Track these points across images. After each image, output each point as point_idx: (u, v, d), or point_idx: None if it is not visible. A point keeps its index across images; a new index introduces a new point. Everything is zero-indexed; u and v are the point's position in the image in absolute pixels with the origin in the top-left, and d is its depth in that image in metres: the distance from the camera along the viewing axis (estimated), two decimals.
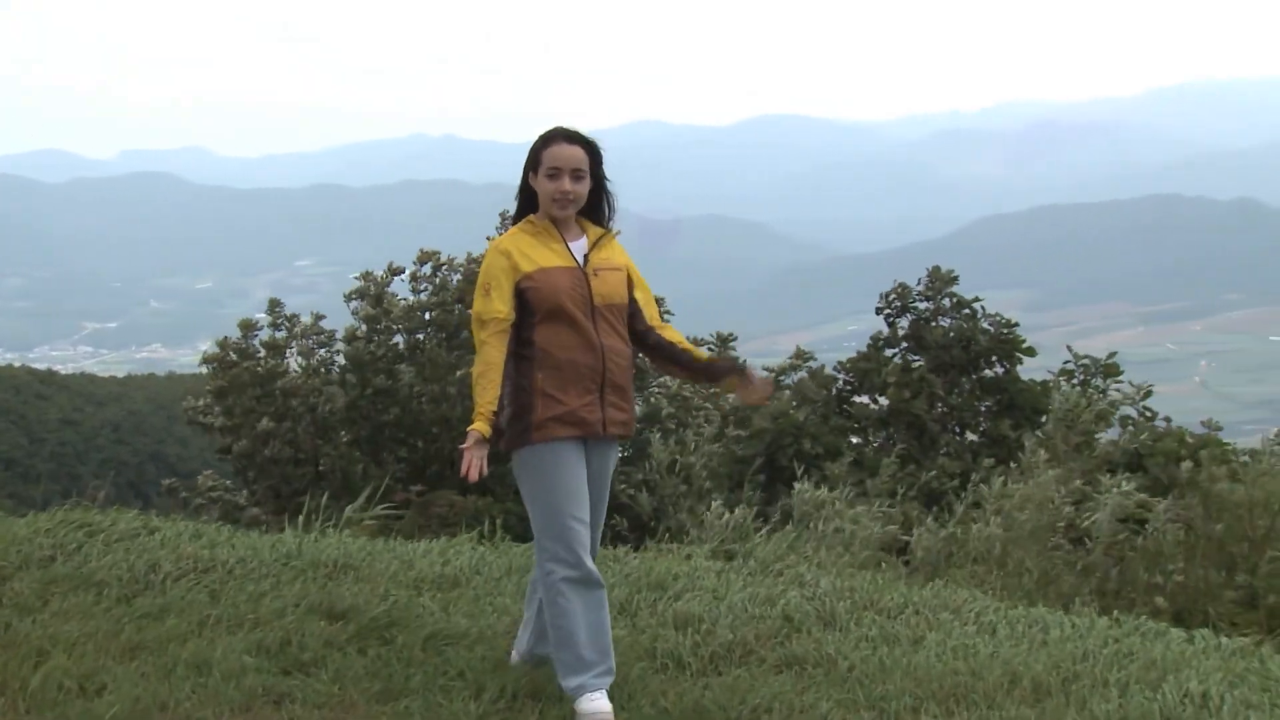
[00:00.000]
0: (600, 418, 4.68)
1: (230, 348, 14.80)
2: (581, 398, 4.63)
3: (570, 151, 4.70)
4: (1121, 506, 8.33)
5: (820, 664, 5.36)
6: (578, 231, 4.82)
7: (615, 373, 4.71)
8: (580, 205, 4.78)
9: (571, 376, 4.62)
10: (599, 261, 4.77)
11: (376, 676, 4.95)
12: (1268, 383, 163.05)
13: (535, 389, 4.62)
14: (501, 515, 12.35)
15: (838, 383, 17.81)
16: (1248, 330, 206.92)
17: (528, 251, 4.69)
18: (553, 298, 4.61)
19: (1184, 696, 4.82)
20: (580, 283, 4.67)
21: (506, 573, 6.83)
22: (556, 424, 4.60)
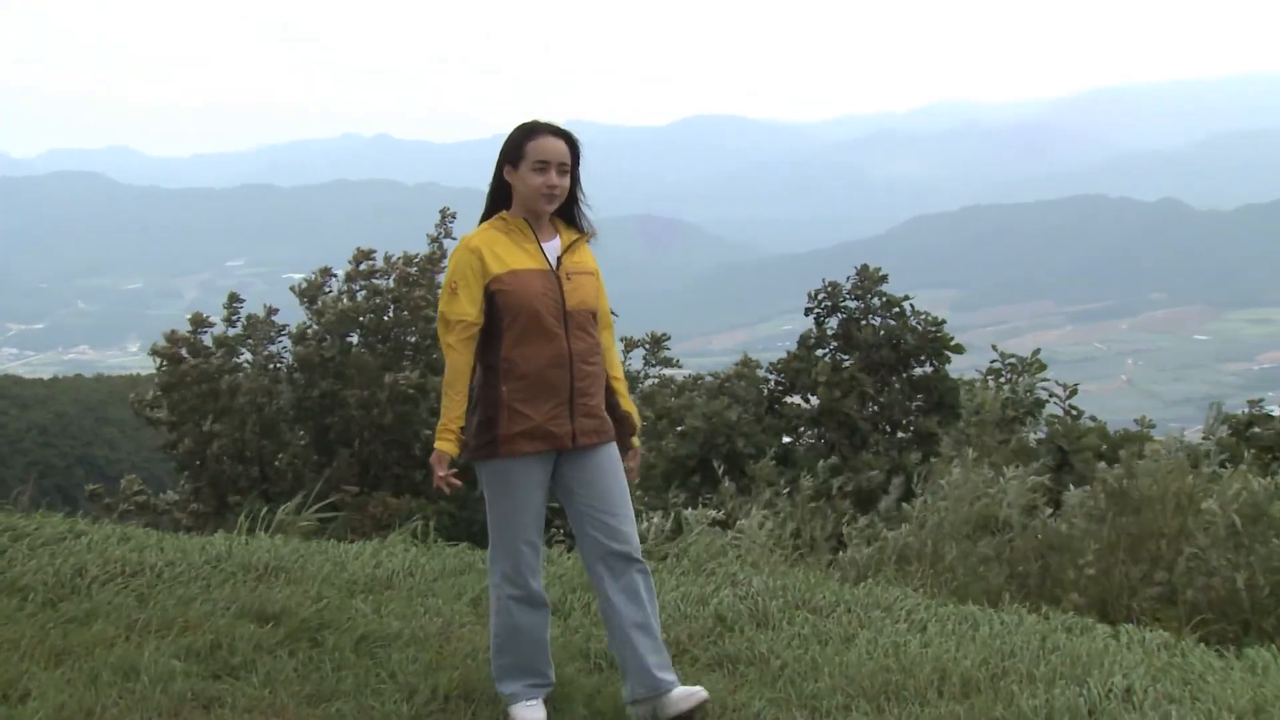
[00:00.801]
0: (569, 430, 4.53)
1: (180, 342, 14.58)
2: (549, 410, 4.48)
3: (557, 145, 4.56)
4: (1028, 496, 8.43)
5: (753, 663, 5.39)
6: (551, 231, 4.67)
7: (585, 382, 4.56)
8: (562, 201, 4.64)
9: (538, 389, 4.47)
10: (571, 265, 4.61)
11: (307, 679, 4.92)
12: (1190, 381, 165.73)
13: (501, 402, 4.48)
14: (435, 517, 12.30)
15: (769, 383, 17.90)
16: (1171, 329, 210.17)
17: (499, 251, 4.52)
18: (524, 302, 4.45)
19: (1108, 691, 4.89)
20: (553, 287, 4.52)
21: (440, 574, 6.82)
22: (523, 439, 4.47)
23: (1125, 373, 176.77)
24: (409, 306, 14.86)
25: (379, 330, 14.97)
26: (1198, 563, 7.64)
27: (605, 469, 4.66)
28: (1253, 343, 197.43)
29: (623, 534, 4.62)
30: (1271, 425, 13.43)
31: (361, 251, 15.24)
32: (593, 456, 4.63)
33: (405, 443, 14.37)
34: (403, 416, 14.08)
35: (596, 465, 4.64)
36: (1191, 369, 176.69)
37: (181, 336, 14.63)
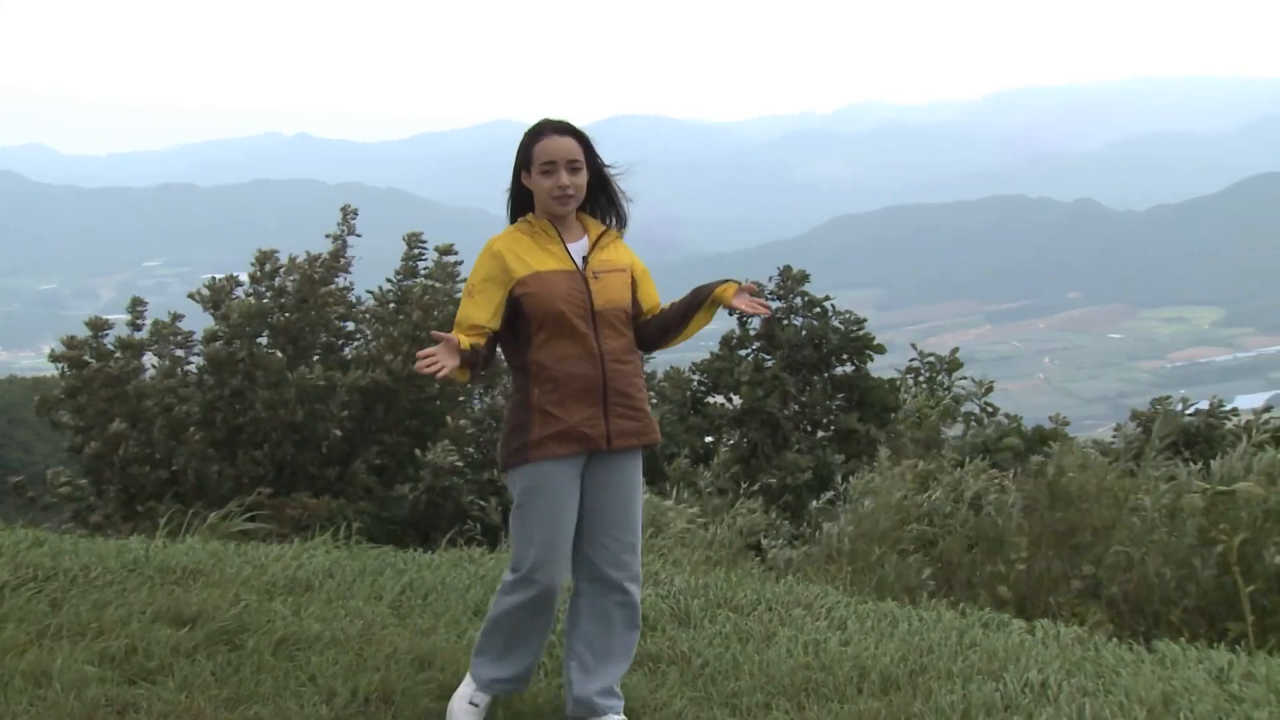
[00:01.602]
0: (604, 431, 4.37)
1: (79, 346, 14.36)
2: (582, 412, 4.33)
3: (563, 143, 4.39)
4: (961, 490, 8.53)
5: (674, 662, 5.40)
6: (578, 231, 4.52)
7: (619, 381, 4.40)
8: (580, 199, 4.47)
9: (570, 390, 4.33)
10: (599, 263, 4.46)
11: (225, 683, 4.86)
12: (1105, 379, 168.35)
13: (532, 405, 4.34)
14: (356, 517, 12.22)
15: (693, 383, 17.96)
16: (1087, 328, 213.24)
17: (523, 254, 4.38)
18: (550, 304, 4.31)
19: (1024, 686, 4.96)
20: (579, 287, 4.37)
21: (360, 575, 6.77)
22: (555, 441, 4.32)
23: (1042, 371, 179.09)
24: (316, 305, 14.75)
25: (286, 330, 14.84)
26: (1121, 557, 7.77)
27: (627, 483, 4.51)
28: (1165, 341, 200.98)
29: (623, 561, 4.51)
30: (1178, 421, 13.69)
31: (264, 253, 15.11)
32: (621, 466, 4.49)
33: (316, 441, 14.26)
34: (312, 414, 13.97)
35: (620, 479, 4.49)
36: (1107, 367, 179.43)
37: (81, 341, 14.44)
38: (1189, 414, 15.24)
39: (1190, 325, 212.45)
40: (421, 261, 16.01)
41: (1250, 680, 5.09)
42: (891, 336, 20.09)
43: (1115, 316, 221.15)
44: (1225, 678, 5.16)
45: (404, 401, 14.97)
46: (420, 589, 6.52)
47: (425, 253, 16.04)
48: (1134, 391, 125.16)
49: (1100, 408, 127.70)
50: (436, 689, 4.87)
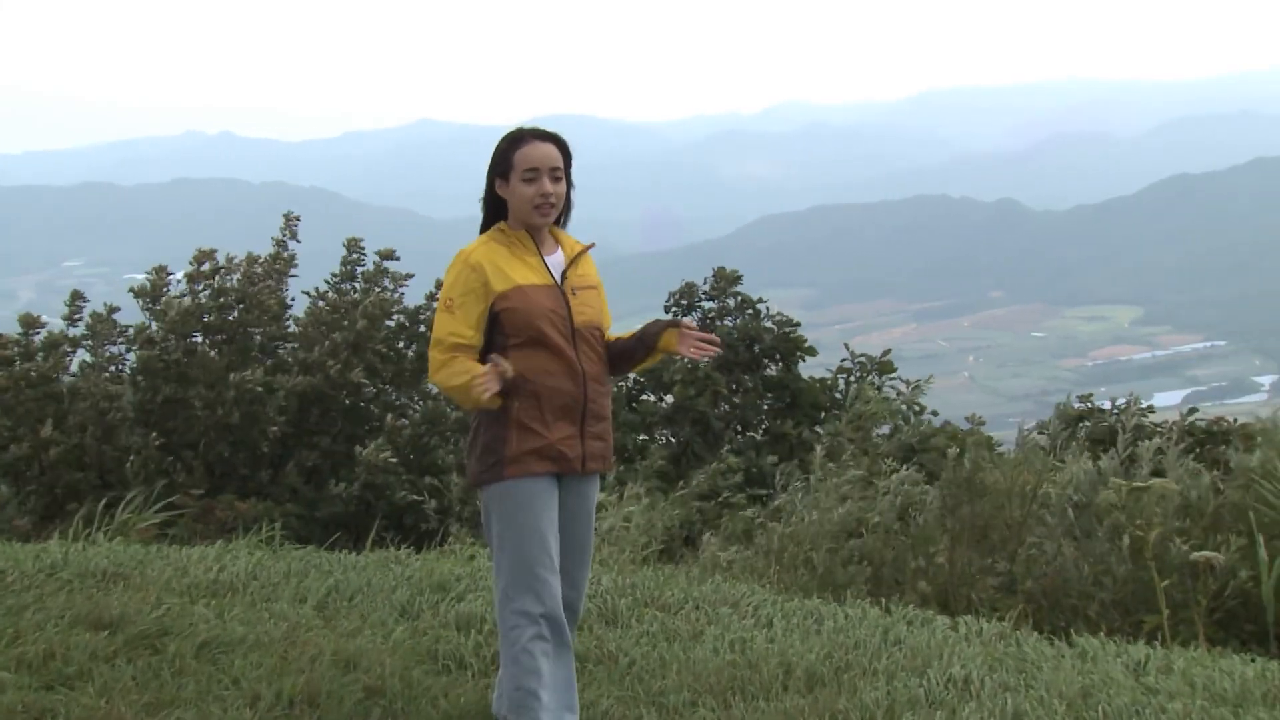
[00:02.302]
0: (580, 453, 4.23)
1: (8, 345, 14.08)
2: (562, 430, 4.18)
3: (546, 150, 4.27)
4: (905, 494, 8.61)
5: (601, 661, 5.42)
6: (552, 244, 4.38)
7: (597, 402, 4.27)
8: (559, 210, 4.35)
9: (551, 407, 4.16)
10: (577, 279, 4.33)
11: (146, 687, 4.80)
12: (1029, 377, 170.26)
13: (510, 420, 4.15)
14: (282, 519, 12.11)
15: (627, 381, 17.97)
16: (1010, 327, 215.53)
17: (502, 266, 4.20)
18: (532, 321, 4.15)
19: (947, 681, 5.02)
20: (560, 304, 4.23)
21: (285, 577, 6.73)
22: (533, 458, 4.14)
23: (967, 369, 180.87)
24: (255, 305, 14.63)
25: (224, 330, 14.70)
26: (1036, 552, 7.88)
27: (587, 512, 4.40)
28: (1086, 339, 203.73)
29: (570, 599, 4.35)
30: (1103, 419, 13.88)
31: (203, 252, 14.94)
32: (585, 491, 4.36)
33: (252, 443, 14.13)
34: (249, 416, 13.85)
35: (582, 507, 4.37)
36: (1030, 365, 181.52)
37: (9, 339, 14.16)
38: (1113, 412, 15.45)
39: (1110, 324, 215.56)
40: (360, 267, 15.91)
41: (1166, 673, 5.20)
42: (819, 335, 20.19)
43: (1037, 315, 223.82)
44: (1142, 671, 5.27)
45: (341, 405, 14.89)
46: (346, 590, 6.49)
47: (364, 258, 15.96)
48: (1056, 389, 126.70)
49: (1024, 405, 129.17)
50: (362, 690, 4.85)
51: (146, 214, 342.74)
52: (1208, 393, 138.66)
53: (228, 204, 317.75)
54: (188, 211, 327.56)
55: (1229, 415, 12.97)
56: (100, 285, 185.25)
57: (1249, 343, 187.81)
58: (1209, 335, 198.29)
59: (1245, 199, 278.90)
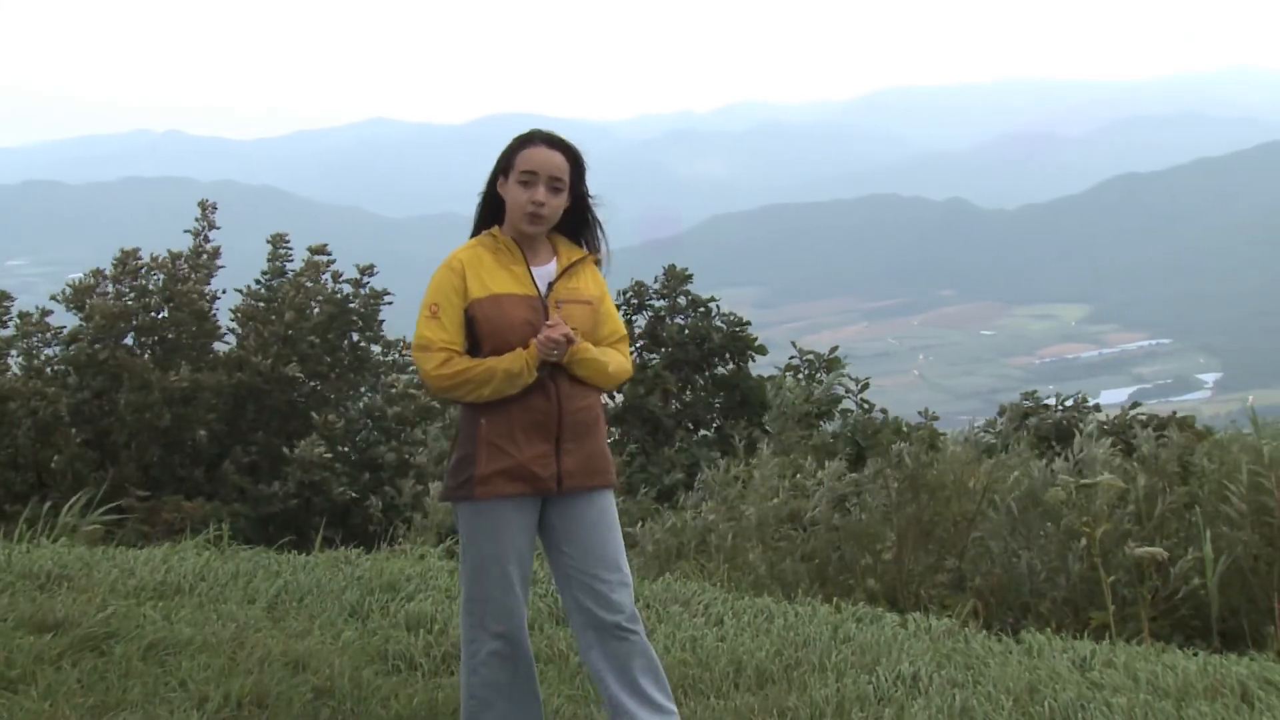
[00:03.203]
0: (554, 472, 3.99)
1: None
2: (533, 449, 3.97)
3: (550, 157, 4.06)
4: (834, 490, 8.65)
5: (552, 660, 5.43)
6: (547, 254, 4.15)
7: (575, 419, 4.03)
8: (551, 225, 4.11)
9: (521, 424, 3.96)
10: (565, 292, 4.09)
11: (91, 690, 4.76)
12: (978, 375, 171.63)
13: (479, 437, 3.97)
14: (230, 519, 12.04)
15: None
16: (961, 325, 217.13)
17: (482, 272, 4.03)
18: (500, 332, 3.96)
19: (896, 678, 5.06)
20: (539, 316, 4.00)
21: (233, 578, 6.69)
22: (502, 479, 3.95)
23: (917, 367, 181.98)
24: (181, 304, 14.50)
25: (151, 330, 14.57)
26: (984, 549, 7.95)
27: (598, 521, 4.11)
28: (1035, 337, 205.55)
29: (614, 603, 4.06)
30: (1049, 415, 14.02)
31: (125, 252, 14.80)
32: (584, 505, 4.10)
33: (184, 443, 14.02)
34: (180, 417, 13.74)
35: (587, 518, 4.10)
36: (980, 363, 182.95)
37: None
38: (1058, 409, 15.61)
39: (1058, 322, 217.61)
40: (290, 262, 15.82)
41: (1110, 668, 5.26)
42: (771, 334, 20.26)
43: (987, 313, 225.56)
44: (1087, 666, 5.32)
45: (275, 400, 14.78)
46: (295, 591, 6.46)
47: (292, 253, 15.86)
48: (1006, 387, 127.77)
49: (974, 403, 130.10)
50: (311, 691, 4.83)
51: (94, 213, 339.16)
52: (1153, 390, 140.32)
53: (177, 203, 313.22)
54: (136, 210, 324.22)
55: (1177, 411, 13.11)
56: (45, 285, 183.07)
57: (1193, 341, 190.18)
58: (1154, 333, 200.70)
59: (1189, 199, 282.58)
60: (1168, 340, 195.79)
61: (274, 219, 25.85)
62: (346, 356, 15.46)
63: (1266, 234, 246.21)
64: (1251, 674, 5.06)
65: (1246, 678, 4.99)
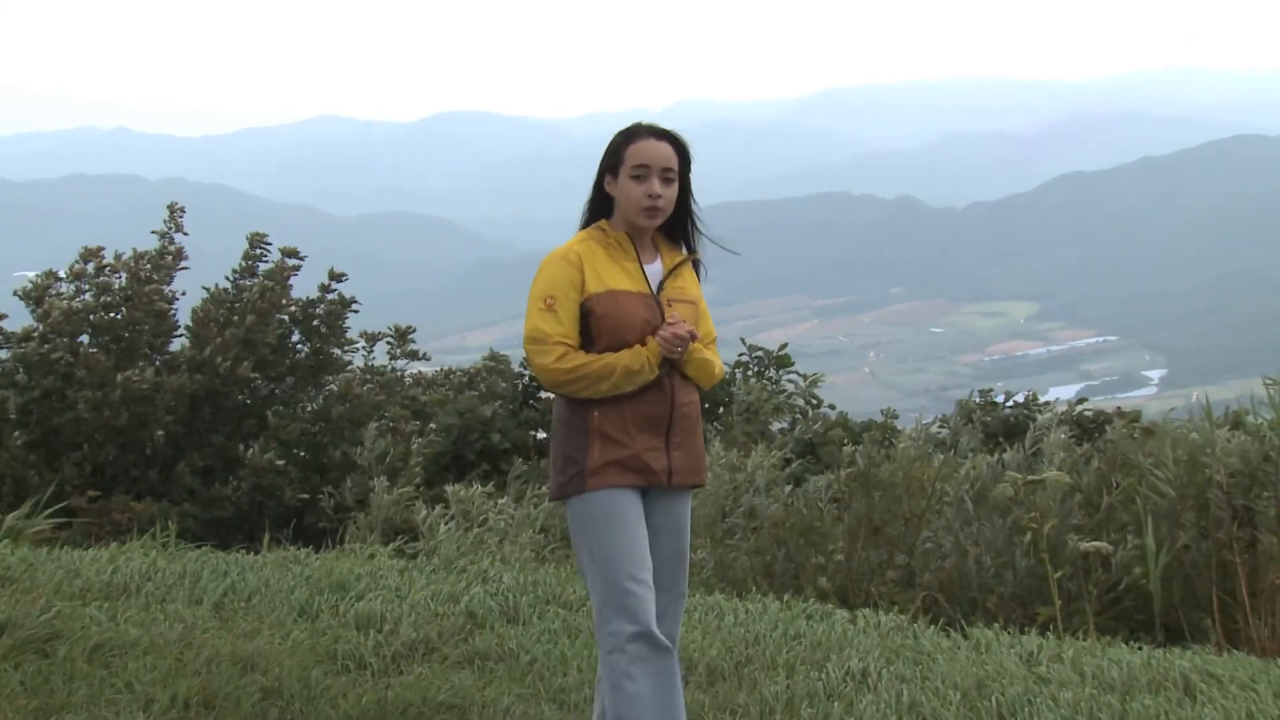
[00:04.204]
0: (666, 465, 3.94)
1: None
2: (646, 441, 3.92)
3: (659, 148, 3.96)
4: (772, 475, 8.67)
5: (503, 659, 5.42)
6: (653, 251, 4.10)
7: (685, 417, 4.01)
8: (667, 215, 4.03)
9: (636, 417, 3.90)
10: (674, 291, 4.06)
11: (35, 693, 4.70)
12: (928, 372, 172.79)
13: (591, 430, 3.89)
14: (179, 519, 11.93)
15: (524, 377, 17.93)
16: (910, 323, 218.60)
17: (598, 267, 3.95)
18: (619, 329, 3.89)
19: (846, 674, 5.09)
20: (654, 315, 3.95)
21: (180, 578, 6.64)
22: (615, 470, 3.87)
23: (868, 365, 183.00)
24: (142, 304, 14.36)
25: (111, 329, 14.42)
26: (933, 545, 8.01)
27: (679, 530, 4.07)
28: (984, 335, 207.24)
29: (671, 613, 4.02)
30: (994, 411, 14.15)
31: (88, 250, 14.62)
32: (675, 508, 4.05)
33: (140, 444, 13.88)
34: (138, 417, 13.60)
35: (675, 522, 4.05)
36: (929, 360, 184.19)
37: None
38: (1007, 406, 15.75)
39: (1007, 319, 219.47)
40: (263, 263, 15.68)
41: (1057, 662, 5.31)
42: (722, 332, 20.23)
43: (937, 311, 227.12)
44: (1034, 661, 5.37)
45: (233, 403, 14.66)
46: (243, 591, 6.42)
47: (268, 254, 15.71)
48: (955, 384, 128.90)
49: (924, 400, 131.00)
50: (259, 692, 4.80)
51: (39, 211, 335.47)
52: (1100, 387, 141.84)
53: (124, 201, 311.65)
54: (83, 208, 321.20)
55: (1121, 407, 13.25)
56: None
57: (1139, 338, 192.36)
58: (1101, 330, 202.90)
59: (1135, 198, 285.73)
60: (1115, 337, 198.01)
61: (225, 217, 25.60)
62: (304, 361, 15.35)
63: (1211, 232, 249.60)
64: (1193, 667, 5.13)
65: (1188, 670, 5.05)
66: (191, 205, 15.99)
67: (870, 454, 8.32)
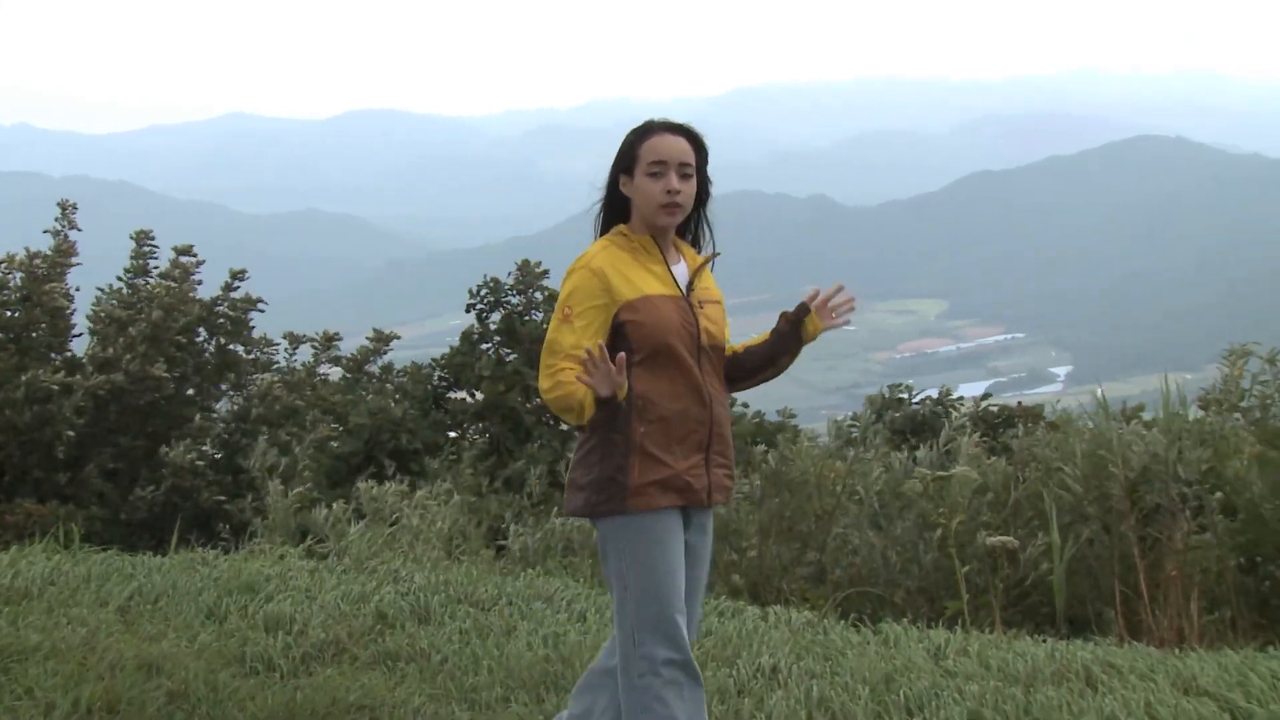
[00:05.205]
0: (707, 484, 3.76)
1: None
2: (688, 459, 3.72)
3: (675, 143, 3.79)
4: None
5: (413, 659, 5.39)
6: (675, 252, 3.94)
7: (723, 425, 3.83)
8: (687, 212, 3.88)
9: (679, 433, 3.71)
10: (702, 292, 3.89)
11: None
12: (841, 370, 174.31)
13: (633, 446, 3.66)
14: (84, 522, 11.75)
15: (434, 378, 17.85)
16: None
17: (627, 273, 3.76)
18: (659, 335, 3.70)
19: (756, 670, 5.12)
20: (689, 318, 3.79)
21: (84, 581, 6.53)
22: (657, 490, 3.66)
23: None
24: (41, 303, 14.13)
25: (9, 328, 14.17)
26: (843, 541, 8.09)
27: (706, 546, 3.92)
28: (896, 332, 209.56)
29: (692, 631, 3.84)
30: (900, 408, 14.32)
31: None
32: (706, 527, 3.89)
33: (46, 444, 13.65)
34: (41, 417, 13.37)
35: (703, 542, 3.89)
36: (842, 358, 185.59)
37: None
38: (914, 403, 15.94)
39: (917, 317, 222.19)
40: (154, 260, 15.46)
41: (964, 656, 5.38)
42: None
43: None
44: (941, 655, 5.44)
45: (140, 402, 14.46)
46: (149, 594, 6.34)
47: (157, 251, 15.50)
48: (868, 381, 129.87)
49: (837, 398, 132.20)
50: (165, 696, 4.74)
51: None
52: (1008, 383, 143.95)
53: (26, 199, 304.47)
54: None
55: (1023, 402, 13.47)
56: None
57: (1046, 335, 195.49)
58: (1009, 328, 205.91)
59: (1042, 196, 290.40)
60: (1022, 335, 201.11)
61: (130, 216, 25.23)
62: (212, 359, 15.17)
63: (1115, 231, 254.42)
64: (1095, 658, 5.23)
65: (1090, 662, 5.15)
66: (96, 204, 15.77)
67: (783, 453, 8.38)
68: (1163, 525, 6.84)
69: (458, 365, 17.42)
